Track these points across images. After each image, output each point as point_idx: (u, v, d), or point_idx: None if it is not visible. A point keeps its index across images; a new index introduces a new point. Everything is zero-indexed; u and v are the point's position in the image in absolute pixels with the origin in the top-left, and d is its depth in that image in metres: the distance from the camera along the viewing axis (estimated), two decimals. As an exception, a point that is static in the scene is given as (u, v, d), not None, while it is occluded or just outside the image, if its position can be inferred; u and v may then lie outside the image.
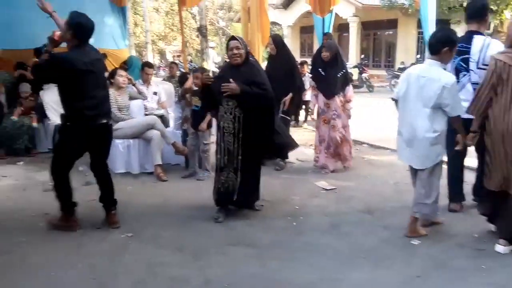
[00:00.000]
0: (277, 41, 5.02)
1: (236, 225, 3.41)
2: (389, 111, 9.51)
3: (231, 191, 3.47)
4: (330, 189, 4.30)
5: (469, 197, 3.69)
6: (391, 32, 18.47)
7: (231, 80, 3.31)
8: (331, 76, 4.75)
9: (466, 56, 3.35)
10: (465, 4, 9.49)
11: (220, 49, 23.48)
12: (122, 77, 4.66)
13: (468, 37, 3.37)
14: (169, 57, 29.56)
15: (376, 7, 15.56)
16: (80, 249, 3.04)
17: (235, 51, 3.33)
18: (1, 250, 3.02)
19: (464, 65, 3.38)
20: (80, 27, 3.14)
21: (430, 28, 5.58)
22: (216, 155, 3.56)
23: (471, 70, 3.34)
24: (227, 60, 3.77)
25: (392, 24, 17.59)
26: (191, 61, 20.04)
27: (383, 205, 3.84)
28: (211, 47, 16.32)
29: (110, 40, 9.19)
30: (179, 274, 2.69)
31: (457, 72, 3.39)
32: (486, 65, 3.07)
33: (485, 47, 3.27)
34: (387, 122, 8.08)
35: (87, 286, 2.58)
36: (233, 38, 3.42)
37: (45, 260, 2.89)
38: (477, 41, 3.32)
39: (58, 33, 3.22)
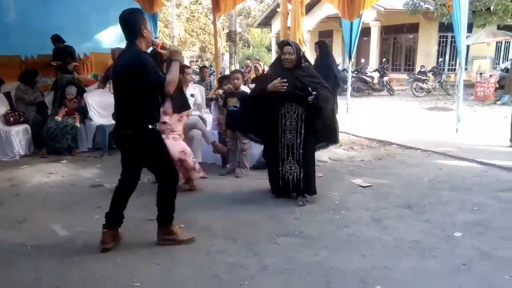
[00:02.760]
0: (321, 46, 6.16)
1: (283, 218, 3.58)
2: (411, 113, 9.71)
3: (293, 181, 3.87)
4: (366, 186, 4.43)
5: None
6: (411, 36, 18.48)
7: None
8: None
9: None
10: (492, 7, 9.55)
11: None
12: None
13: None
14: (187, 62, 30.08)
15: (397, 12, 15.62)
16: (139, 239, 3.23)
17: (287, 56, 3.64)
18: (66, 238, 3.25)
19: None
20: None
21: (462, 31, 5.68)
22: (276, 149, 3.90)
23: None
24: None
25: (413, 28, 17.60)
26: (210, 66, 20.40)
27: (420, 201, 3.96)
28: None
29: (141, 45, 9.52)
30: (237, 260, 2.86)
31: None
32: None
33: None
34: (411, 124, 8.24)
35: (152, 270, 2.78)
36: (287, 43, 3.70)
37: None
38: None
39: None
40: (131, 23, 2.87)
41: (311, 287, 2.55)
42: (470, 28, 14.17)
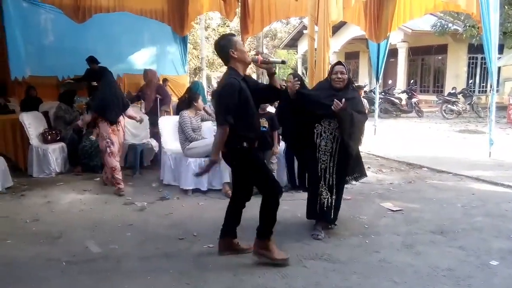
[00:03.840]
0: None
1: (311, 241, 3.55)
2: (441, 136, 9.51)
3: (323, 208, 3.63)
4: (396, 210, 4.35)
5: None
6: (439, 57, 18.26)
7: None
8: None
9: None
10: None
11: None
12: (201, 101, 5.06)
13: None
14: (214, 83, 30.66)
15: (425, 33, 15.52)
16: (169, 258, 3.28)
17: (340, 76, 3.48)
18: (99, 255, 3.33)
19: None
20: None
21: (493, 53, 5.60)
22: (307, 171, 3.78)
23: None
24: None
25: (442, 49, 17.40)
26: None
27: (453, 227, 3.86)
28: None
29: (171, 66, 9.83)
30: (265, 282, 2.85)
31: None
32: None
33: None
34: (442, 147, 8.07)
35: (182, 289, 2.81)
36: (339, 63, 3.59)
37: (139, 265, 3.17)
38: None
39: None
40: (219, 50, 3.03)
41: (342, 312, 2.52)
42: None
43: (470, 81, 16.47)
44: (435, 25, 14.75)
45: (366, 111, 7.65)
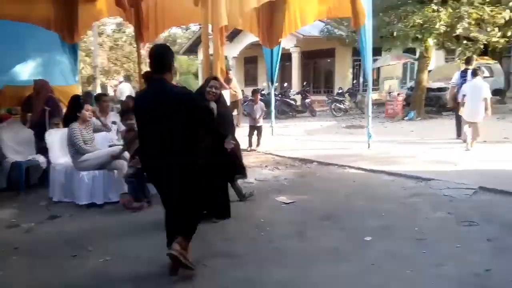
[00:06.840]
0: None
1: (212, 240, 3.69)
2: (331, 132, 10.40)
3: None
4: (289, 203, 4.70)
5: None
6: (328, 60, 19.83)
7: None
8: None
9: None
10: (395, 33, 10.67)
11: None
12: (88, 111, 4.83)
13: None
14: (110, 91, 29.24)
15: (315, 38, 16.73)
16: (61, 277, 3.13)
17: (214, 90, 3.85)
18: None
19: None
20: None
21: (368, 56, 6.39)
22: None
23: None
24: None
25: (330, 53, 18.93)
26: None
27: (338, 212, 4.31)
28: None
29: (61, 76, 9.20)
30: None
31: None
32: None
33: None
34: (331, 142, 8.84)
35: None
36: (215, 78, 3.89)
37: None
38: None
39: None
40: (164, 57, 2.96)
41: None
42: (379, 52, 15.59)
43: (355, 81, 18.18)
44: (323, 30, 15.98)
45: (263, 114, 8.11)
